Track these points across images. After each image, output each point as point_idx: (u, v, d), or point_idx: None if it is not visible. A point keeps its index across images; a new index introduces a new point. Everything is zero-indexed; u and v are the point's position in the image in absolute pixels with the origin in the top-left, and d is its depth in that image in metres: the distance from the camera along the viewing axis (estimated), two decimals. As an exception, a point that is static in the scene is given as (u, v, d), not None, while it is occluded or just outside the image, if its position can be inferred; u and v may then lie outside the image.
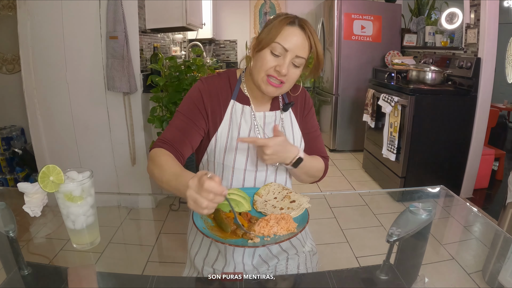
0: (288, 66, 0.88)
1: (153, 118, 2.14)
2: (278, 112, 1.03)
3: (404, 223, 0.77)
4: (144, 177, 2.42)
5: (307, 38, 0.89)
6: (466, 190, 2.82)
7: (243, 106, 0.99)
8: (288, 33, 0.88)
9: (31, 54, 2.20)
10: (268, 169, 1.01)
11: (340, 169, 3.48)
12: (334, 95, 3.86)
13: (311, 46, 0.90)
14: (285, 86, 0.92)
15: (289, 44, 0.87)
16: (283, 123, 1.02)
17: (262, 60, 0.90)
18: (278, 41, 0.87)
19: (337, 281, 0.78)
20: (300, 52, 0.88)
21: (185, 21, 2.46)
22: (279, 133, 0.93)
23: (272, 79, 0.90)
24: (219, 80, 1.01)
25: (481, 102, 2.62)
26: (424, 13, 3.47)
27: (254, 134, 0.98)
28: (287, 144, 0.90)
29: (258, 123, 1.00)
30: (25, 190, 0.83)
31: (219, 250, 0.91)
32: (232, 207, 0.74)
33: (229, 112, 0.98)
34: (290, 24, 0.89)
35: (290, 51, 0.88)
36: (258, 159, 0.97)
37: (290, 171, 1.01)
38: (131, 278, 0.82)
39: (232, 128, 0.97)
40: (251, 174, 0.99)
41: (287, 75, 0.89)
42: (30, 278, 0.75)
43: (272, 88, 0.91)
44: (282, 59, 0.88)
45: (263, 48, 0.90)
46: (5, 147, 2.67)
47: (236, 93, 1.00)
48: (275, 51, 0.88)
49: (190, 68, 2.19)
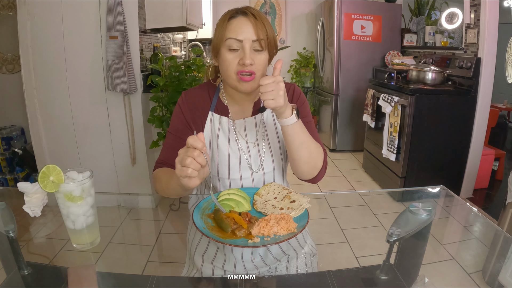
0: (251, 54, 0.87)
1: (153, 118, 2.15)
2: (259, 115, 1.02)
3: (404, 223, 0.77)
4: (144, 177, 2.43)
5: (254, 21, 0.88)
6: (466, 190, 2.82)
7: (220, 117, 1.00)
8: (234, 24, 0.88)
9: (31, 54, 2.20)
10: (254, 176, 1.00)
11: (340, 169, 3.48)
12: (334, 95, 3.86)
13: (264, 25, 0.89)
14: (257, 76, 0.90)
15: (240, 34, 0.87)
16: (265, 124, 1.02)
17: (225, 62, 0.89)
18: (229, 37, 0.87)
19: (337, 281, 0.78)
20: (254, 36, 0.87)
21: (185, 21, 2.46)
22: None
23: (243, 74, 0.88)
24: (199, 92, 1.03)
25: (481, 102, 2.62)
26: (424, 13, 3.47)
27: (234, 143, 0.99)
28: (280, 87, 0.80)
29: (238, 131, 1.00)
30: (25, 190, 0.83)
31: (218, 247, 0.91)
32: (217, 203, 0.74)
33: (208, 124, 1.00)
34: (233, 17, 0.89)
35: (245, 40, 0.87)
36: (240, 166, 0.99)
37: (290, 144, 0.89)
38: (131, 278, 0.82)
39: (212, 139, 1.00)
40: (236, 182, 1.00)
41: (255, 63, 0.88)
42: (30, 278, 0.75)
43: (247, 83, 0.90)
44: (242, 51, 0.88)
45: (220, 49, 0.90)
46: (5, 147, 2.67)
47: (215, 104, 1.01)
48: (232, 47, 0.88)
49: (190, 68, 2.19)
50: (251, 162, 1.00)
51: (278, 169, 1.04)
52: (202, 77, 2.27)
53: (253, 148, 1.00)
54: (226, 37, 0.88)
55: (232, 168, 0.99)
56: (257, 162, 1.00)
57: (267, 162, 1.01)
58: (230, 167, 0.99)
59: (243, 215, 0.80)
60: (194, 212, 0.80)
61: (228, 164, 0.98)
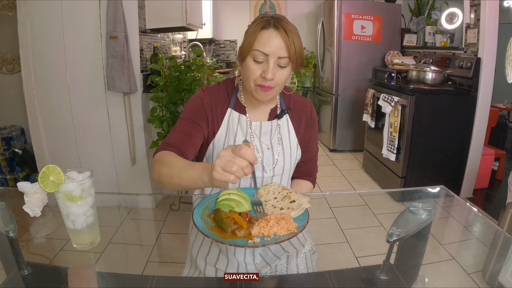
0: (274, 69, 0.88)
1: (153, 118, 2.15)
2: (275, 120, 1.04)
3: (404, 223, 0.77)
4: (144, 177, 2.42)
5: (284, 37, 0.88)
6: (466, 190, 2.82)
7: (239, 115, 1.01)
8: (264, 37, 0.87)
9: (31, 54, 2.20)
10: (264, 175, 1.02)
11: (340, 169, 3.48)
12: (334, 95, 3.86)
13: (294, 42, 0.89)
14: (275, 89, 0.92)
15: (268, 48, 0.87)
16: (280, 130, 1.04)
17: (247, 70, 0.90)
18: (256, 48, 0.88)
19: (337, 281, 0.78)
20: (281, 52, 0.88)
21: (185, 21, 2.46)
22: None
23: (261, 85, 0.91)
24: (218, 89, 1.04)
25: (481, 102, 2.62)
26: (424, 13, 3.47)
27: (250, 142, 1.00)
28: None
29: (254, 132, 1.01)
30: (25, 190, 0.82)
31: (220, 249, 0.91)
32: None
33: (226, 120, 1.01)
34: (264, 28, 0.88)
35: (271, 55, 0.87)
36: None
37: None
38: (131, 278, 0.82)
39: (228, 136, 1.00)
40: (246, 180, 1.01)
41: (275, 79, 0.90)
42: (30, 278, 0.75)
43: (263, 93, 0.92)
44: (266, 65, 0.88)
45: (245, 57, 0.91)
46: (5, 147, 2.67)
47: (233, 101, 1.02)
48: (257, 59, 0.88)
49: (190, 68, 2.19)
50: (264, 162, 1.02)
51: (286, 173, 1.07)
52: (202, 77, 2.27)
53: (267, 150, 1.02)
54: (254, 48, 0.88)
55: None
56: (269, 164, 1.02)
57: (279, 165, 1.03)
58: None
59: (243, 215, 0.80)
60: (194, 212, 0.80)
61: None
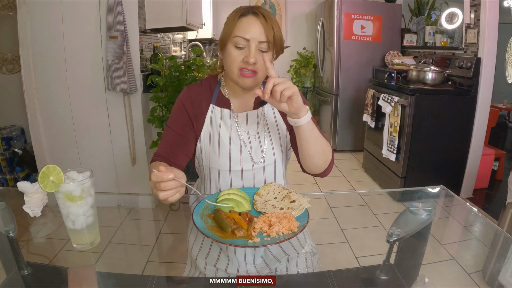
0: (255, 54, 0.89)
1: (153, 118, 2.15)
2: (260, 108, 1.03)
3: (404, 223, 0.77)
4: (144, 177, 2.42)
5: (263, 22, 0.90)
6: (466, 190, 2.82)
7: (221, 109, 1.01)
8: (243, 23, 0.90)
9: (31, 54, 2.20)
10: (255, 168, 1.00)
11: (340, 169, 3.48)
12: (334, 95, 3.86)
13: (273, 27, 0.91)
14: (259, 74, 0.93)
15: (249, 34, 0.89)
16: (266, 118, 1.02)
17: (230, 57, 0.92)
18: (237, 35, 0.89)
19: (337, 281, 0.78)
20: (262, 37, 0.89)
21: (185, 21, 2.46)
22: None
23: (244, 71, 0.91)
24: (200, 87, 1.04)
25: (481, 102, 2.62)
26: (424, 13, 3.47)
27: (235, 135, 0.99)
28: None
29: (240, 124, 1.01)
30: (25, 190, 0.82)
31: (221, 248, 0.91)
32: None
33: (209, 118, 1.01)
34: (243, 15, 0.91)
35: (252, 40, 0.89)
36: (241, 158, 0.98)
37: (307, 141, 0.88)
38: (131, 278, 0.82)
39: (213, 132, 1.00)
40: (236, 174, 1.00)
41: (257, 63, 0.90)
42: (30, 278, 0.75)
43: (247, 79, 0.92)
44: (248, 50, 0.90)
45: (226, 45, 0.92)
46: (5, 147, 2.67)
47: (215, 97, 1.02)
48: (239, 45, 0.90)
49: (190, 68, 2.19)
50: (252, 154, 1.00)
51: (279, 161, 1.04)
52: (202, 77, 2.27)
53: (254, 141, 1.01)
54: (234, 35, 0.90)
55: (234, 159, 0.99)
56: (258, 154, 1.01)
57: (268, 154, 1.01)
58: (232, 159, 0.99)
59: (243, 215, 0.80)
60: (194, 212, 0.80)
61: (229, 156, 0.99)
